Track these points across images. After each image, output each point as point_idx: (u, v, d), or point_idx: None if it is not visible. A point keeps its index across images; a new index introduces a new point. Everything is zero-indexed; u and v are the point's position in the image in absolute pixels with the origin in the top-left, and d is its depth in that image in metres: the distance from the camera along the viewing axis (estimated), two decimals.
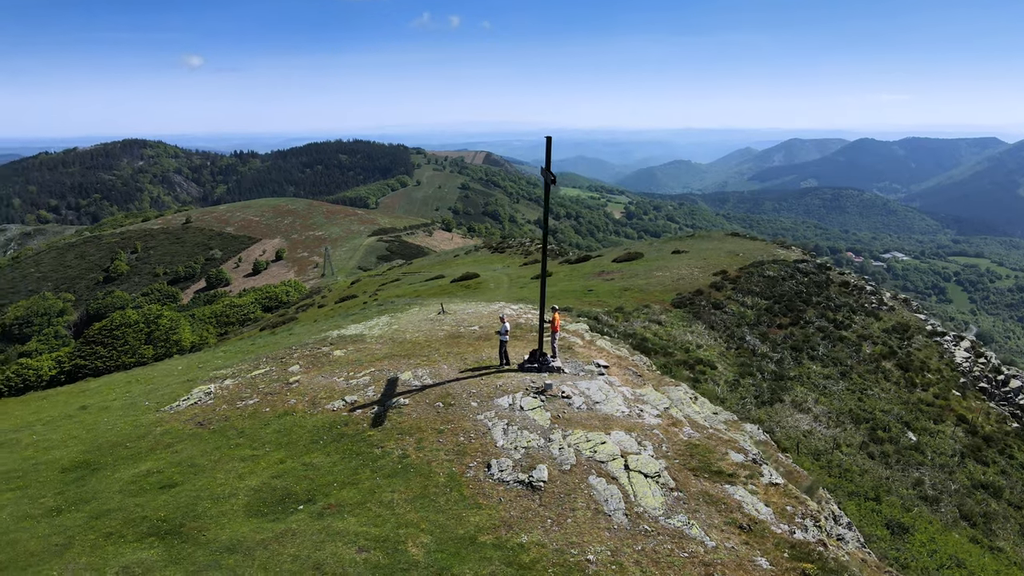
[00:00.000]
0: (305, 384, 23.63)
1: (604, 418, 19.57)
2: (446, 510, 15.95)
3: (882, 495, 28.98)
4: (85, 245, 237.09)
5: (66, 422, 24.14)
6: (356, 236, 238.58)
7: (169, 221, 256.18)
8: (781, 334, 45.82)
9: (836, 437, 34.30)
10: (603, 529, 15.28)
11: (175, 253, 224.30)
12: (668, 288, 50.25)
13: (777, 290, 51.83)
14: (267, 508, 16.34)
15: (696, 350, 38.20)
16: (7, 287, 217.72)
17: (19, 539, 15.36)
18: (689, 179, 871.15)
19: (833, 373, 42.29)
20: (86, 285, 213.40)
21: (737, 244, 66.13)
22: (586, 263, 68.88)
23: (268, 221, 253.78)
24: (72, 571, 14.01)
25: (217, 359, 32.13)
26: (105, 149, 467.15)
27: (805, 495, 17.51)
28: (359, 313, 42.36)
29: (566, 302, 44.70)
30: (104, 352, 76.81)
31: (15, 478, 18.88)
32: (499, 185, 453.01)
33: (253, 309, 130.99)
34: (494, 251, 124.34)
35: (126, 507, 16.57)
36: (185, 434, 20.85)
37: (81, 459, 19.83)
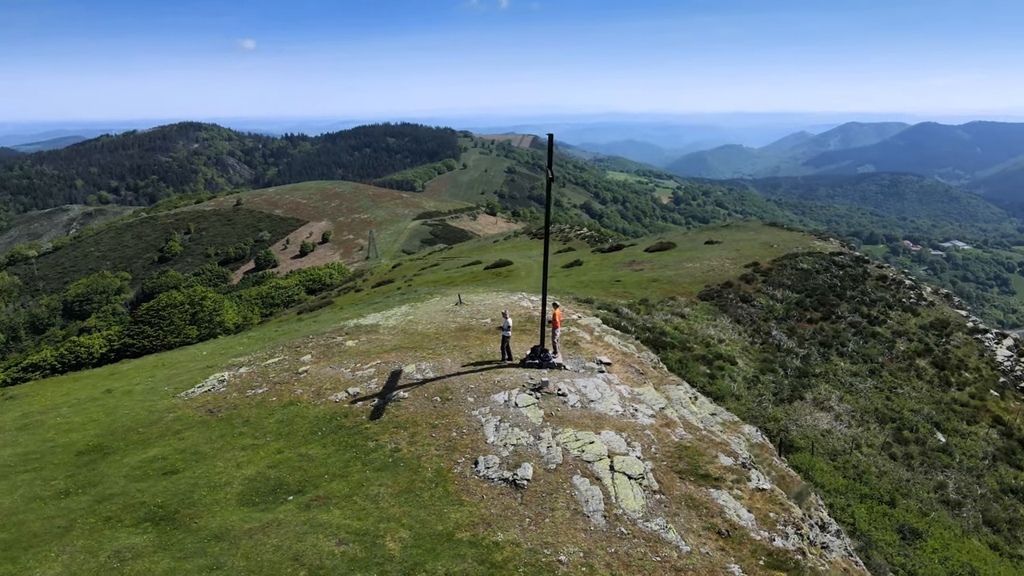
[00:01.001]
0: (313, 374, 24.25)
1: (597, 417, 19.64)
2: (429, 506, 16.29)
3: (898, 499, 28.38)
4: (141, 226, 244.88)
5: (90, 405, 25.28)
6: (401, 219, 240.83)
7: (221, 203, 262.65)
8: (810, 329, 44.94)
9: (857, 437, 33.63)
10: (580, 530, 15.43)
11: (226, 234, 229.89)
12: (697, 280, 49.67)
13: (810, 283, 50.74)
14: (259, 498, 16.93)
15: (717, 345, 37.78)
16: (69, 265, 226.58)
17: (26, 520, 16.28)
18: (740, 164, 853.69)
19: (862, 370, 41.37)
20: (142, 264, 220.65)
21: (773, 235, 64.81)
22: (618, 252, 68.44)
23: (316, 204, 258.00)
24: (69, 553, 14.81)
25: (240, 345, 33.12)
26: (162, 132, 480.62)
27: (792, 501, 17.34)
28: (382, 302, 43.03)
29: (591, 293, 44.60)
30: (151, 332, 79.55)
31: (33, 460, 19.93)
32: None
33: (297, 291, 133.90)
34: (533, 237, 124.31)
35: (128, 492, 17.37)
36: (194, 421, 21.66)
37: (95, 443, 20.80)
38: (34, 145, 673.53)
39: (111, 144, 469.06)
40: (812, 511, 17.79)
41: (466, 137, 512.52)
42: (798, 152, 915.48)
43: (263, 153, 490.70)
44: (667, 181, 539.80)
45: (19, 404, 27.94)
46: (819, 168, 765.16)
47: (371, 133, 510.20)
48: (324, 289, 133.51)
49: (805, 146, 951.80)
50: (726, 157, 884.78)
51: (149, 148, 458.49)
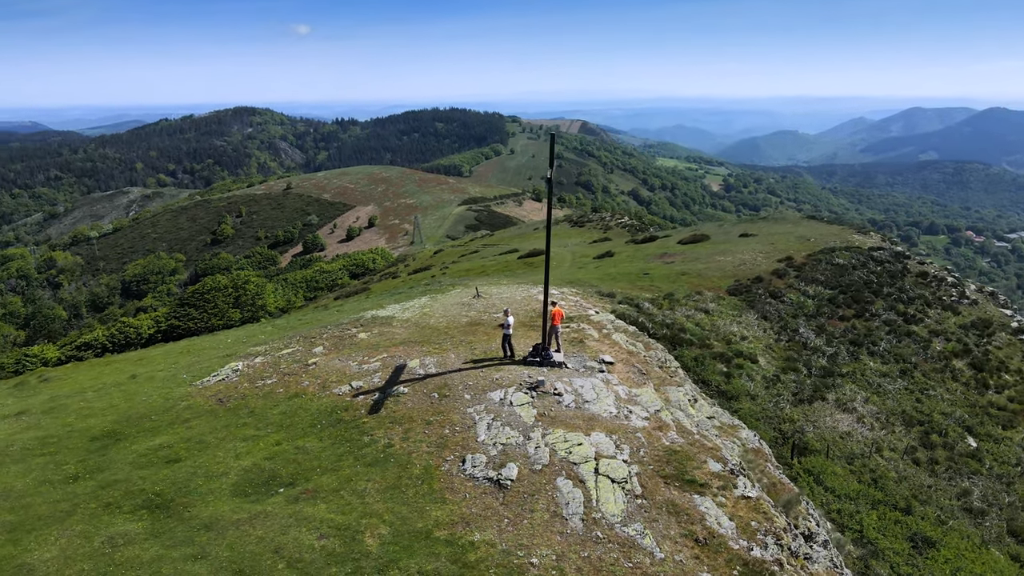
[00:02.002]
0: (321, 366, 24.82)
1: (589, 418, 19.68)
2: (412, 502, 16.63)
3: (914, 506, 27.72)
4: (196, 208, 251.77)
5: (114, 390, 26.36)
6: (446, 205, 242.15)
7: (271, 187, 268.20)
8: (841, 327, 43.92)
9: (879, 440, 32.87)
10: (556, 533, 15.57)
11: (276, 218, 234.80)
12: (727, 274, 48.94)
13: (844, 279, 49.49)
14: (251, 489, 17.52)
15: (739, 342, 37.25)
16: (128, 246, 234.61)
17: (33, 503, 17.19)
18: (795, 150, 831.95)
19: (893, 371, 40.33)
20: (196, 246, 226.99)
21: (811, 228, 63.20)
22: (651, 244, 67.72)
23: (363, 188, 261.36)
24: (67, 537, 15.61)
25: (262, 334, 34.02)
26: (217, 116, 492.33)
27: (779, 510, 17.15)
28: (405, 292, 43.58)
29: (617, 286, 44.38)
30: (196, 314, 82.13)
31: (50, 444, 20.96)
32: (593, 155, 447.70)
33: (341, 275, 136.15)
34: (574, 225, 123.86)
35: (131, 479, 18.16)
36: (203, 410, 22.44)
37: (110, 429, 21.74)
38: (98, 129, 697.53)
39: (169, 128, 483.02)
40: (800, 520, 17.57)
41: (514, 122, 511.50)
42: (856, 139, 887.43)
43: (314, 137, 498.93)
44: (718, 168, 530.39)
45: (51, 387, 29.33)
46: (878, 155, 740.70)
47: (420, 118, 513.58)
48: (367, 274, 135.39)
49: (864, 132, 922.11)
50: (780, 143, 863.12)
51: (205, 132, 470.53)
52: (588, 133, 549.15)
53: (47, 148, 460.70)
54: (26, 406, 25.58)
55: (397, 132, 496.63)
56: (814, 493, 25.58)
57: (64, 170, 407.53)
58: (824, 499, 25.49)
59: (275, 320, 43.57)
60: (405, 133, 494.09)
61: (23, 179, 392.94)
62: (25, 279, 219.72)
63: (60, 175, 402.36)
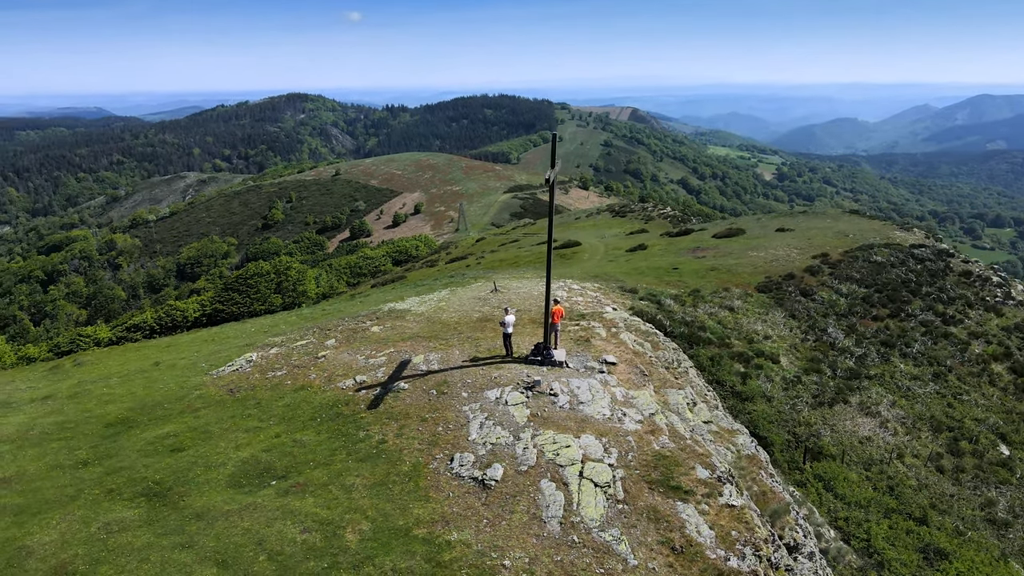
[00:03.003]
0: (330, 360, 25.37)
1: (582, 420, 19.71)
2: (396, 499, 16.97)
3: (931, 516, 26.98)
4: (248, 193, 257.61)
5: (137, 377, 27.44)
6: (492, 192, 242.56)
7: (320, 173, 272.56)
8: (873, 327, 42.75)
9: (902, 446, 32.02)
10: (533, 536, 15.71)
11: (324, 204, 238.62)
12: (758, 270, 48.04)
13: (881, 277, 48.08)
14: (246, 480, 18.11)
15: (761, 341, 36.63)
16: (183, 230, 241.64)
17: (42, 487, 18.10)
18: (853, 139, 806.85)
19: (924, 374, 39.13)
20: (247, 231, 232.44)
21: (851, 223, 61.39)
22: (685, 237, 66.82)
23: (410, 175, 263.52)
24: (68, 522, 16.42)
25: (283, 324, 34.89)
26: (271, 102, 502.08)
27: (765, 519, 16.95)
28: (427, 284, 44.03)
29: (643, 280, 44.05)
30: (239, 299, 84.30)
31: (68, 429, 21.99)
32: (643, 143, 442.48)
33: (384, 262, 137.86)
34: (615, 215, 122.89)
35: (135, 466, 18.96)
36: (213, 400, 23.21)
37: (125, 416, 22.68)
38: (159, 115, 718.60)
39: (225, 114, 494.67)
40: (786, 531, 17.34)
41: (563, 109, 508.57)
42: (919, 127, 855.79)
43: (364, 124, 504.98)
44: (771, 156, 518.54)
45: (82, 371, 30.65)
46: (942, 144, 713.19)
47: (469, 104, 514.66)
48: (409, 261, 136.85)
49: (928, 120, 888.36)
50: (838, 131, 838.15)
51: (259, 118, 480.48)
52: (638, 120, 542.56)
53: (110, 133, 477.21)
54: (54, 390, 26.84)
55: (446, 119, 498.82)
56: (822, 500, 25.15)
57: (126, 155, 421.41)
58: (832, 506, 25.03)
59: (302, 310, 44.56)
60: (454, 120, 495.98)
61: (88, 163, 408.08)
62: (88, 260, 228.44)
63: (122, 159, 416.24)
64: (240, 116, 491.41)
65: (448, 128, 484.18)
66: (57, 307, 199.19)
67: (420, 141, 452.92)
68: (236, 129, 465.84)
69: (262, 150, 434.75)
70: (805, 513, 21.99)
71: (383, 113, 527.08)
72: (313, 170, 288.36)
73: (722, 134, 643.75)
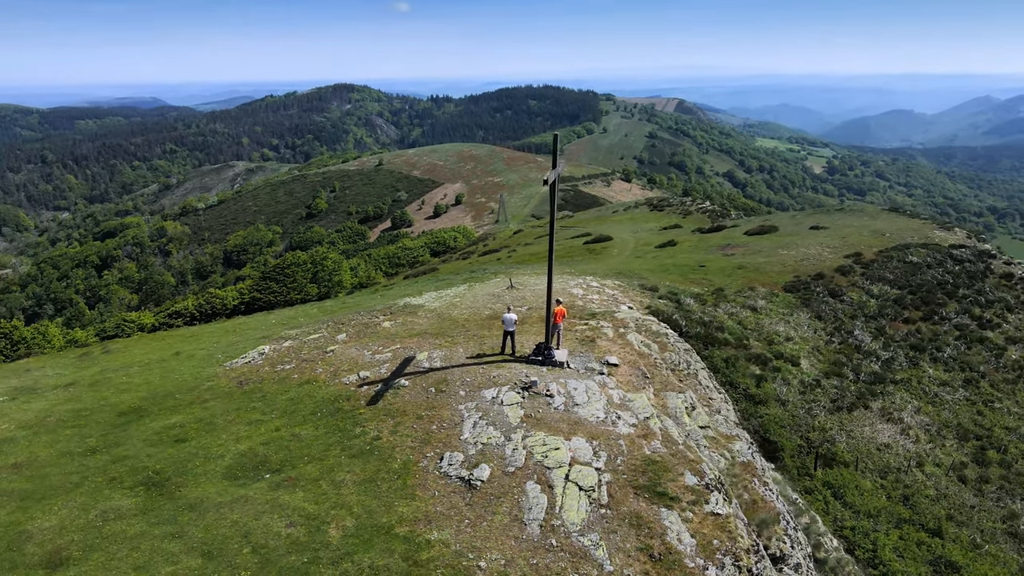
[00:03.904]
0: (338, 354, 25.80)
1: (575, 422, 19.70)
2: (383, 496, 17.23)
3: (946, 527, 26.27)
4: (293, 183, 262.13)
5: (156, 366, 28.32)
6: (533, 183, 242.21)
7: (364, 163, 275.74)
8: (904, 330, 41.64)
9: (923, 454, 31.20)
10: (512, 538, 15.81)
11: (367, 194, 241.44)
12: (787, 269, 47.13)
13: (916, 279, 46.71)
14: (241, 473, 18.59)
15: (782, 343, 35.99)
16: (230, 218, 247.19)
17: (50, 473, 18.88)
18: (909, 131, 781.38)
19: (955, 379, 38.00)
20: (292, 219, 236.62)
21: (889, 222, 59.60)
22: (717, 233, 65.79)
23: (451, 166, 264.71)
24: (68, 508, 17.11)
25: (301, 317, 35.55)
26: (318, 93, 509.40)
27: (751, 528, 16.74)
28: (447, 279, 44.30)
29: (668, 278, 43.63)
30: (276, 288, 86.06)
31: (83, 416, 22.84)
32: (688, 135, 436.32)
33: (422, 253, 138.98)
34: (653, 209, 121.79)
35: (139, 456, 19.62)
36: (222, 392, 23.84)
37: (137, 405, 23.46)
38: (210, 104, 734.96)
39: (274, 104, 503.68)
40: (773, 541, 17.10)
41: (608, 100, 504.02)
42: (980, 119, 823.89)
43: (409, 114, 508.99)
44: (822, 149, 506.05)
45: (108, 359, 31.75)
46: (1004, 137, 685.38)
47: (513, 95, 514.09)
48: (447, 252, 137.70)
49: (989, 112, 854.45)
50: (893, 123, 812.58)
51: (307, 108, 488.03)
52: (684, 112, 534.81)
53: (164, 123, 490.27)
54: (78, 378, 27.88)
55: (490, 109, 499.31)
56: (829, 508, 24.69)
57: (178, 144, 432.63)
58: (839, 515, 24.55)
59: (324, 302, 45.30)
60: (498, 110, 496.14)
61: (142, 152, 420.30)
62: (139, 246, 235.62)
63: (175, 148, 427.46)
64: (288, 106, 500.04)
65: (492, 119, 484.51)
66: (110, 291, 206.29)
67: (464, 132, 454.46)
68: (284, 119, 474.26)
69: (308, 140, 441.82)
70: (806, 522, 21.64)
71: (428, 104, 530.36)
72: (357, 160, 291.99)
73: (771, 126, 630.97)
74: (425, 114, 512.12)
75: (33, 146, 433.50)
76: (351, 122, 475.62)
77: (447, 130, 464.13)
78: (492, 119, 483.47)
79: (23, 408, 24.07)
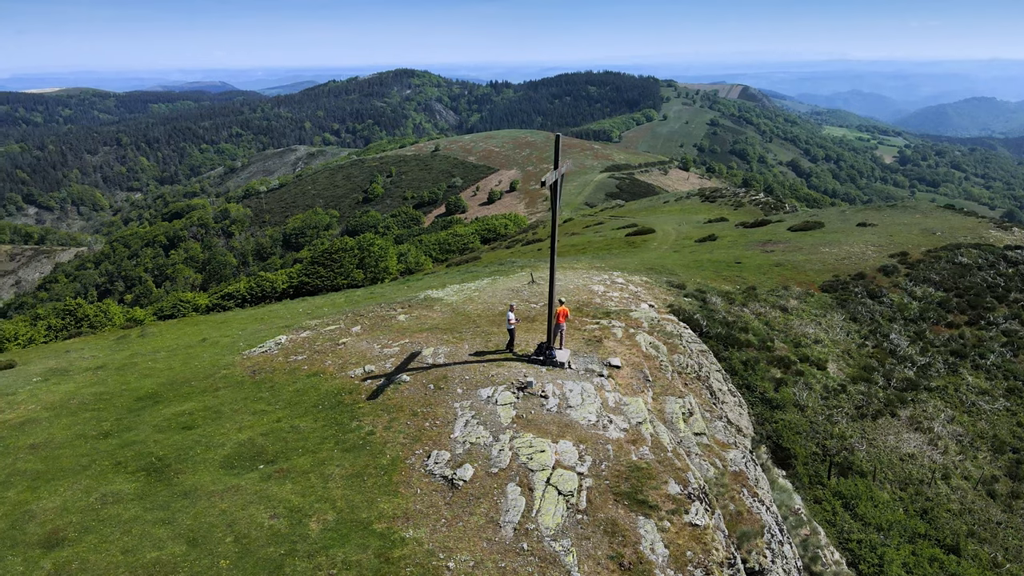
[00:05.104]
0: (349, 347, 26.36)
1: (565, 424, 19.71)
2: (367, 492, 17.63)
3: (966, 544, 25.32)
4: (351, 168, 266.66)
5: (181, 352, 29.45)
6: (588, 171, 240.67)
7: (421, 148, 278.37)
8: (945, 334, 40.01)
9: (951, 465, 30.05)
10: (484, 539, 16.00)
11: (422, 179, 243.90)
12: (827, 268, 45.75)
13: (964, 281, 44.72)
14: (238, 462, 19.26)
15: (810, 345, 35.04)
16: (290, 201, 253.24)
17: (62, 455, 19.92)
18: (990, 120, 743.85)
19: (996, 388, 36.38)
20: (349, 203, 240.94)
21: (941, 220, 57.02)
22: (760, 228, 64.14)
23: (507, 152, 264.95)
24: (73, 490, 18.06)
25: (326, 307, 36.34)
26: (380, 78, 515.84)
27: (731, 540, 16.51)
28: (475, 271, 44.53)
29: (699, 275, 42.92)
30: (324, 272, 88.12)
31: (103, 400, 23.97)
32: (751, 122, 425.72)
33: (472, 239, 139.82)
34: (705, 200, 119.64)
35: (146, 441, 20.52)
36: (234, 380, 24.66)
37: (155, 391, 24.48)
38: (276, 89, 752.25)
39: (336, 89, 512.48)
40: (753, 554, 16.84)
41: (669, 86, 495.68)
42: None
43: (468, 100, 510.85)
44: (894, 138, 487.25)
45: (143, 342, 33.14)
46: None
47: (573, 81, 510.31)
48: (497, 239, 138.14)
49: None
50: (972, 112, 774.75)
51: (367, 93, 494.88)
52: (748, 99, 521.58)
53: (231, 107, 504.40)
54: (108, 361, 29.23)
55: (549, 95, 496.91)
56: (835, 520, 24.08)
57: (244, 128, 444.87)
58: (847, 527, 23.91)
59: (353, 292, 46.11)
60: (557, 96, 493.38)
61: (210, 135, 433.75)
62: (204, 227, 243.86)
63: (240, 132, 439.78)
64: (350, 91, 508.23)
65: (551, 105, 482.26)
66: (176, 270, 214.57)
67: (522, 118, 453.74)
68: (345, 104, 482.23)
69: (369, 124, 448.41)
70: (805, 533, 21.21)
71: (487, 89, 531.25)
72: (414, 145, 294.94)
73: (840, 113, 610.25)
74: (484, 99, 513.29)
75: (109, 129, 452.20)
76: (410, 107, 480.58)
77: (505, 116, 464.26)
78: (551, 105, 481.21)
79: (52, 390, 25.42)
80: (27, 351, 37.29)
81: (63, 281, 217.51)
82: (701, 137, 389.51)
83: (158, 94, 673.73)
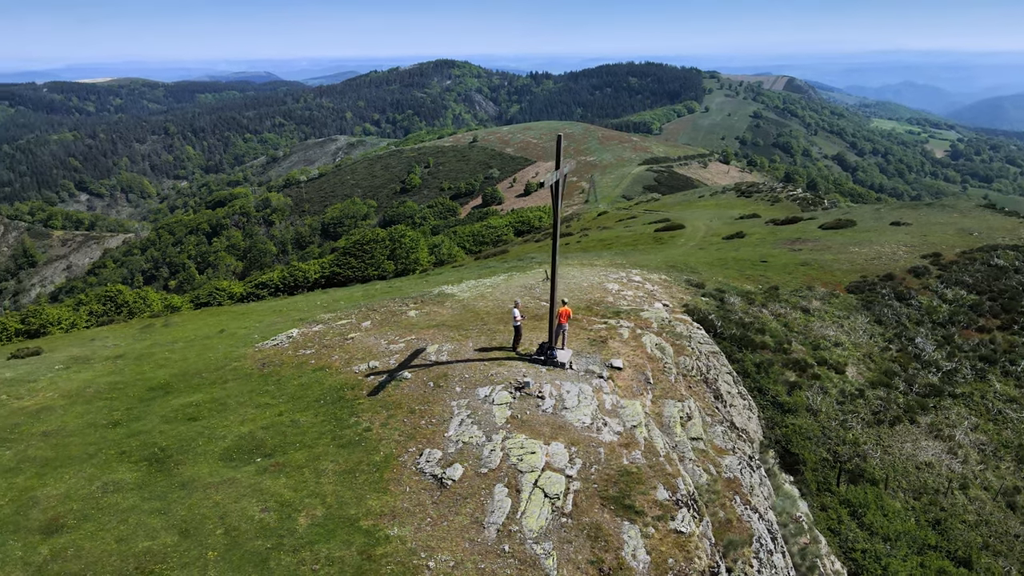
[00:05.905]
0: (356, 342, 26.68)
1: (559, 426, 19.69)
2: (357, 488, 17.88)
3: (978, 557, 24.62)
4: (389, 158, 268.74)
5: (198, 343, 30.15)
6: (626, 164, 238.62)
7: (459, 139, 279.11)
8: (975, 339, 38.83)
9: (971, 475, 29.23)
10: (467, 540, 16.11)
11: (460, 170, 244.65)
12: (855, 268, 44.72)
13: (1000, 283, 43.29)
14: (237, 455, 19.69)
15: (830, 348, 34.33)
16: (329, 191, 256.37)
17: (72, 443, 20.61)
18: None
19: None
20: (386, 194, 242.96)
21: (979, 220, 55.12)
22: (791, 226, 62.88)
23: (545, 144, 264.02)
24: (77, 478, 18.68)
25: (342, 301, 36.79)
26: (420, 69, 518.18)
27: (716, 549, 16.34)
28: (489, 268, 44.59)
29: (722, 274, 42.37)
30: (355, 263, 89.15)
31: (117, 390, 24.70)
32: (796, 115, 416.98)
33: (506, 232, 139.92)
34: (740, 195, 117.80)
35: (151, 431, 21.10)
36: (243, 373, 25.17)
37: (167, 381, 25.14)
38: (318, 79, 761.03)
39: (377, 79, 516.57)
40: (739, 563, 16.64)
41: (712, 78, 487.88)
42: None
43: (508, 90, 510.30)
44: (946, 132, 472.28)
45: (165, 332, 34.01)
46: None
47: (614, 72, 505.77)
48: (531, 231, 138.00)
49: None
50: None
51: (408, 84, 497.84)
52: (794, 90, 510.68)
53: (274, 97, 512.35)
54: (129, 350, 30.08)
55: (589, 86, 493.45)
56: (841, 528, 23.63)
57: (287, 117, 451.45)
58: (852, 536, 23.45)
59: (371, 285, 46.62)
60: (597, 88, 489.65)
61: (254, 125, 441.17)
62: (245, 216, 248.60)
63: (283, 122, 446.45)
64: (391, 81, 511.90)
65: (591, 96, 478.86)
66: (218, 257, 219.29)
67: (562, 109, 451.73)
68: (386, 94, 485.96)
69: (408, 115, 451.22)
70: (804, 542, 20.87)
71: (527, 80, 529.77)
72: (452, 136, 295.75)
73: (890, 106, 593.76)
74: (524, 90, 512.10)
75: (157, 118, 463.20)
76: (450, 98, 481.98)
77: (545, 107, 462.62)
78: (591, 96, 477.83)
79: (71, 378, 26.29)
80: (56, 338, 38.57)
81: (111, 266, 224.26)
82: (743, 130, 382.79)
83: (205, 84, 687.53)
